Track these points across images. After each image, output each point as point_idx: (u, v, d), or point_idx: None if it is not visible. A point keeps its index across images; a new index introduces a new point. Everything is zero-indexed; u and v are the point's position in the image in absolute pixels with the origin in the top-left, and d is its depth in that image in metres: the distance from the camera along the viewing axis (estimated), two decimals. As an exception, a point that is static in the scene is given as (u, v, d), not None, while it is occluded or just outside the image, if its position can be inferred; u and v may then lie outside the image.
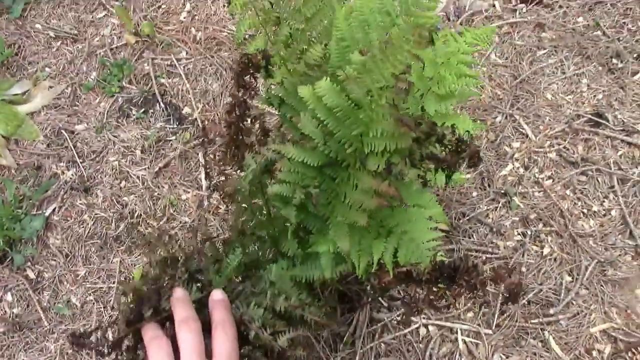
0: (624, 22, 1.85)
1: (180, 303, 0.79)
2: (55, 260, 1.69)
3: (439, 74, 1.07)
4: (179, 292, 0.81)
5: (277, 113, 1.13)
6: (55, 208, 1.74)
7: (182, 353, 0.72)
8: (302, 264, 1.06)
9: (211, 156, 1.12)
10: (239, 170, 1.10)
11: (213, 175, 1.15)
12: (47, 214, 1.73)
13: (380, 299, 1.50)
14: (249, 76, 1.04)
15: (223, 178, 1.09)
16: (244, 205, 1.02)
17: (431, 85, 1.11)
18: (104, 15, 2.04)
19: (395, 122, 0.81)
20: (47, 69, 1.97)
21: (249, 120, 1.05)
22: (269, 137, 0.99)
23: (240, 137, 1.05)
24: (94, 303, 1.63)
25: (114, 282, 1.64)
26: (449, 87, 1.09)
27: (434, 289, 1.01)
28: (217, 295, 0.83)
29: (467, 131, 1.03)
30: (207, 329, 0.77)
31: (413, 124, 0.81)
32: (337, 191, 0.97)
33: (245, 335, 0.86)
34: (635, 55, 1.78)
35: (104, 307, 1.62)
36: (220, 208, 1.65)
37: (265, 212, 1.04)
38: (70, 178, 1.78)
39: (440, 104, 1.11)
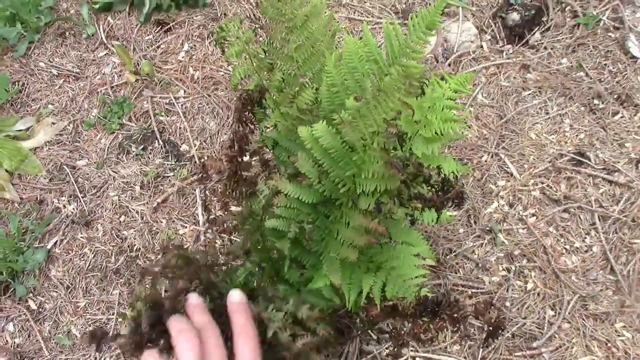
0: (605, 64, 1.92)
1: (197, 309, 0.78)
2: (56, 291, 1.74)
3: (426, 118, 1.12)
4: (193, 298, 0.80)
5: (271, 154, 1.19)
6: (57, 241, 1.80)
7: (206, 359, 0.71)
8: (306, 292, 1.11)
9: (211, 191, 1.17)
10: (237, 204, 1.15)
11: (212, 209, 1.20)
12: (49, 246, 1.79)
13: (369, 331, 1.56)
14: (248, 112, 1.09)
15: (223, 211, 1.15)
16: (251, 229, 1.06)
17: (419, 128, 1.17)
18: (105, 54, 2.11)
19: (385, 164, 0.87)
20: (50, 105, 2.03)
21: (248, 155, 1.10)
22: (269, 169, 1.05)
23: (240, 172, 1.11)
24: (93, 335, 1.67)
25: (113, 314, 1.69)
26: (435, 131, 1.15)
27: (419, 322, 1.07)
28: (235, 297, 0.82)
29: (452, 172, 1.08)
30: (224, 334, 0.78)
31: (401, 166, 0.87)
32: (330, 228, 1.03)
33: (260, 332, 0.91)
34: (615, 96, 1.85)
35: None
36: (217, 242, 1.71)
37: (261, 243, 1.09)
38: (72, 212, 1.84)
39: (427, 146, 1.17)
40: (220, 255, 1.02)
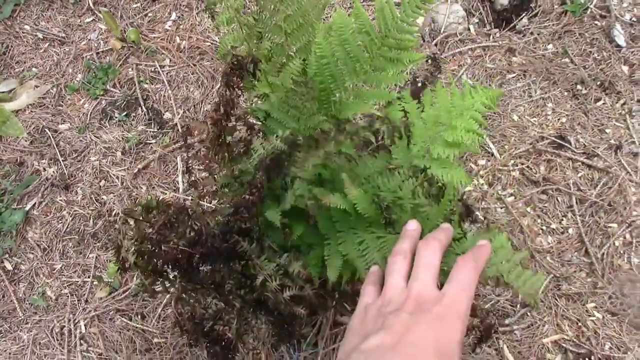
0: (590, 52, 1.94)
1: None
2: (32, 253, 1.74)
3: (452, 123, 1.12)
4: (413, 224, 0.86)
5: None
6: (35, 203, 1.80)
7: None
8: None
9: (194, 154, 1.17)
10: (219, 168, 1.15)
11: (193, 172, 1.19)
12: (27, 208, 1.78)
13: (345, 303, 1.56)
14: (236, 77, 1.09)
15: (205, 174, 1.15)
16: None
17: (442, 130, 1.16)
18: (91, 20, 2.10)
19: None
20: (33, 69, 2.02)
21: (233, 119, 1.10)
22: (254, 133, 1.05)
23: (224, 135, 1.11)
24: (68, 296, 1.67)
25: (89, 277, 1.69)
26: (457, 138, 1.14)
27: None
28: (411, 225, 0.86)
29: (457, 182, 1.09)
30: None
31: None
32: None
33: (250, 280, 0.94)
34: (598, 83, 1.86)
35: (78, 301, 1.66)
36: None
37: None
38: (52, 175, 1.83)
39: (445, 150, 1.17)
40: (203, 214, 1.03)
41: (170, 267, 1.03)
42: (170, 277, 1.10)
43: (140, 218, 1.02)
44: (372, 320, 0.72)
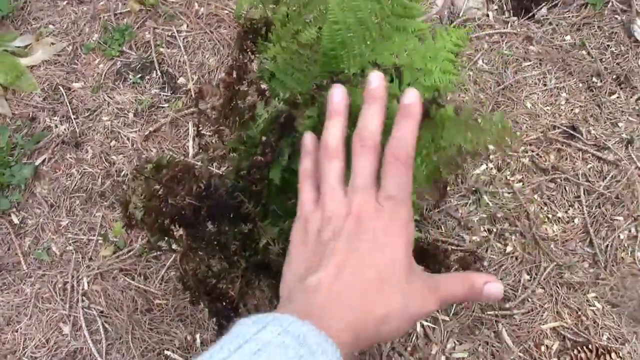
0: (608, 45, 1.93)
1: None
2: (40, 208, 1.75)
3: (427, 66, 1.13)
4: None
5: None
6: (45, 159, 1.80)
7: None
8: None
9: (205, 117, 1.17)
10: (230, 132, 1.16)
11: (204, 137, 1.20)
12: (37, 163, 1.79)
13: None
14: (250, 41, 1.09)
15: (216, 139, 1.15)
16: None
17: (419, 76, 1.18)
18: (111, -19, 2.10)
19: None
20: (50, 26, 2.02)
21: (245, 84, 1.10)
22: (266, 99, 1.05)
23: (235, 100, 1.11)
24: (72, 253, 1.68)
25: (94, 235, 1.70)
26: (434, 80, 1.16)
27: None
28: (409, 97, 0.69)
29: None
30: None
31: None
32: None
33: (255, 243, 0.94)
34: (614, 77, 1.86)
35: (82, 258, 1.68)
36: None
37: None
38: (63, 132, 1.83)
39: (424, 95, 1.18)
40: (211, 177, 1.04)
41: (176, 224, 1.04)
42: (176, 236, 1.10)
43: (151, 176, 1.02)
44: (313, 248, 0.67)
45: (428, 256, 1.02)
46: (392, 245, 0.63)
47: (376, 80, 0.72)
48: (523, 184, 1.71)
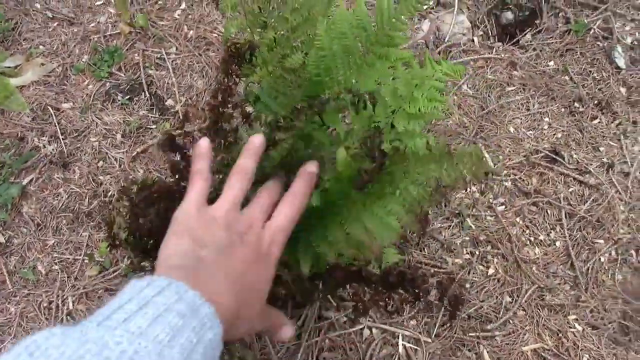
0: (590, 71, 1.97)
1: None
2: (26, 227, 1.75)
3: (412, 94, 1.15)
4: (205, 142, 0.93)
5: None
6: (32, 179, 1.81)
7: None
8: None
9: (190, 140, 1.19)
10: (215, 154, 1.17)
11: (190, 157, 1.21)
12: (24, 183, 1.80)
13: (330, 298, 1.59)
14: (235, 65, 1.11)
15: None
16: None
17: (403, 103, 1.19)
18: (102, 4, 2.13)
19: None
20: (41, 46, 2.04)
21: (230, 107, 1.12)
22: (250, 122, 1.07)
23: (220, 122, 1.13)
24: (58, 272, 1.69)
25: (80, 255, 1.70)
26: (419, 108, 1.17)
27: (381, 291, 1.09)
28: (310, 168, 0.92)
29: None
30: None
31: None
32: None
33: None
34: (596, 102, 1.89)
35: (68, 277, 1.68)
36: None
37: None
38: (51, 152, 1.85)
39: (409, 122, 1.19)
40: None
41: (157, 246, 1.05)
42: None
43: (134, 197, 1.04)
44: (205, 230, 0.79)
45: (406, 279, 1.03)
46: (264, 270, 0.82)
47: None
48: (506, 207, 1.73)
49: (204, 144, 0.92)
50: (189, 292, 0.65)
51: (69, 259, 1.71)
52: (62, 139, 1.86)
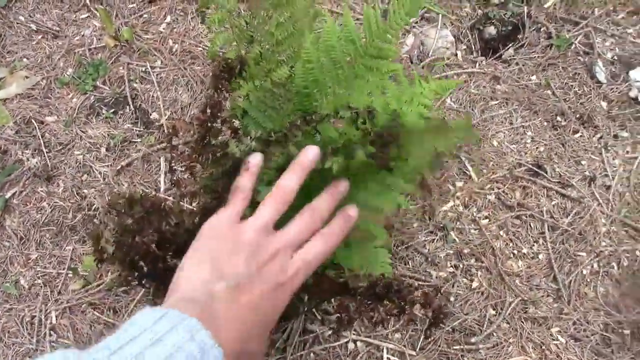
0: (572, 85, 1.99)
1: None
2: (9, 241, 1.74)
3: (402, 109, 1.16)
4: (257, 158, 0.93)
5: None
6: (16, 192, 1.81)
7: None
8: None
9: (178, 153, 1.19)
10: (203, 169, 1.18)
11: (176, 173, 1.21)
12: (7, 196, 1.79)
13: (315, 311, 1.59)
14: (224, 80, 1.11)
15: (188, 174, 1.17)
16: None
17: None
18: (87, 17, 2.12)
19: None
20: (25, 59, 2.04)
21: (219, 122, 1.12)
22: (238, 137, 1.07)
23: (209, 137, 1.13)
24: (41, 287, 1.68)
25: (64, 269, 1.70)
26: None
27: (367, 303, 1.10)
28: (352, 212, 0.88)
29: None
30: None
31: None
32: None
33: None
34: (577, 116, 1.91)
35: (51, 292, 1.67)
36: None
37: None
38: (35, 165, 1.84)
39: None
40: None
41: (144, 261, 1.05)
42: (145, 271, 1.11)
43: (122, 210, 1.04)
44: (227, 258, 0.79)
45: (392, 290, 1.04)
46: (279, 300, 0.80)
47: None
48: (489, 221, 1.75)
49: (254, 161, 0.92)
50: (201, 332, 0.66)
51: (52, 273, 1.70)
52: (46, 152, 1.86)
